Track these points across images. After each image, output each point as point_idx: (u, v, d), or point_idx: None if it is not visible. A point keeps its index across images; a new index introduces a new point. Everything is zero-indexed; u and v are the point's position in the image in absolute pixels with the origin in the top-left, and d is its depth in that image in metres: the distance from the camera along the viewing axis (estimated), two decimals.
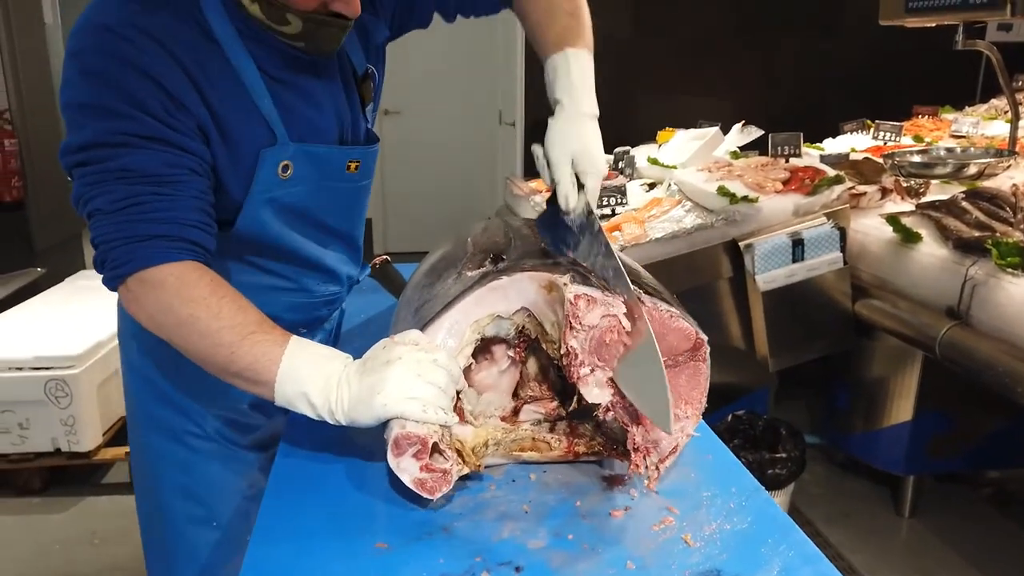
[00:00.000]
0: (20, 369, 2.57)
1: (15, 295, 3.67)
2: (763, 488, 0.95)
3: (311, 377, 0.93)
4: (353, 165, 1.20)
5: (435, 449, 0.91)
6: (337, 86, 1.17)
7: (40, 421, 2.59)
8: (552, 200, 1.08)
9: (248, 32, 1.04)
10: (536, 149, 1.10)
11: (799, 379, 2.90)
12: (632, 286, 0.96)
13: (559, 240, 1.06)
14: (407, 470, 0.89)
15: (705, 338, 1.00)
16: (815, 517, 2.54)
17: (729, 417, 2.49)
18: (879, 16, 2.25)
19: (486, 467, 0.99)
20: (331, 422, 0.94)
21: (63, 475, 2.82)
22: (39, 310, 3.06)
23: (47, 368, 2.57)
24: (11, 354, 2.60)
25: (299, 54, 1.08)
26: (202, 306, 0.96)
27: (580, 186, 1.06)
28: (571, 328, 0.92)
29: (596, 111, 1.11)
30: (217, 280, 0.99)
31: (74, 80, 0.98)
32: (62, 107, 1.00)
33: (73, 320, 2.85)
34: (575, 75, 1.12)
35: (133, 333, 1.26)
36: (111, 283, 1.00)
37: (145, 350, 1.26)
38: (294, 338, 0.97)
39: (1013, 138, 2.51)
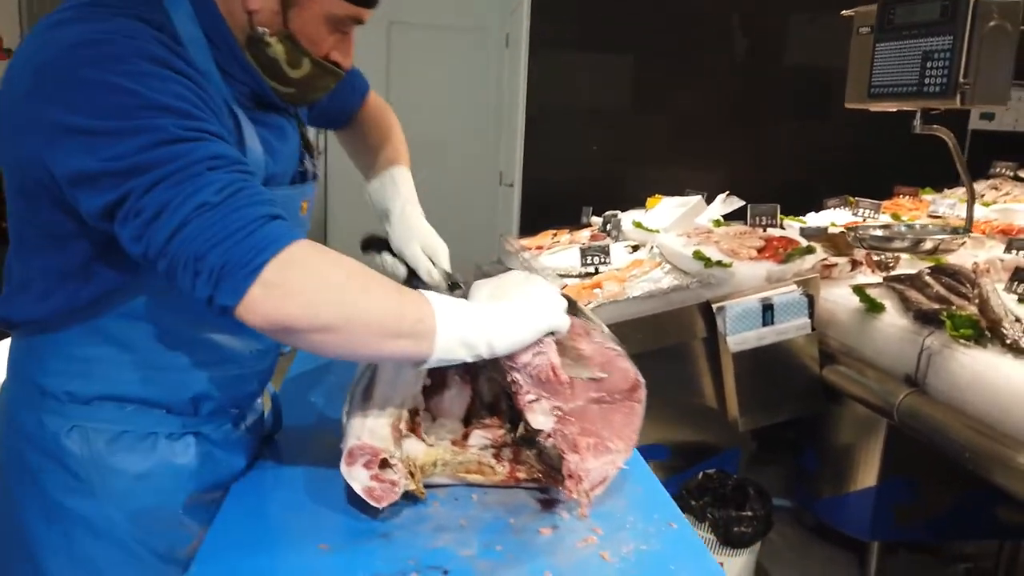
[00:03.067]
0: None
1: None
2: (683, 516, 1.03)
3: (462, 317, 0.91)
4: (304, 206, 1.18)
5: (384, 463, 1.00)
6: (294, 127, 1.17)
7: None
8: (409, 282, 1.27)
9: (228, 71, 1.01)
10: (383, 256, 1.32)
11: (777, 444, 2.96)
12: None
13: None
14: (358, 478, 0.98)
15: (642, 381, 1.09)
16: None
17: (699, 475, 2.55)
18: (845, 99, 2.40)
19: (434, 486, 1.08)
20: (486, 355, 0.93)
21: None
22: None
23: None
24: None
25: (275, 100, 1.07)
26: (348, 268, 0.88)
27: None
28: (509, 366, 1.01)
29: (422, 212, 1.41)
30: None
31: (107, 84, 0.84)
32: (94, 118, 0.83)
33: None
34: (405, 187, 1.41)
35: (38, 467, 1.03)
36: (244, 282, 0.81)
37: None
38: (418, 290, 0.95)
39: (969, 217, 2.63)
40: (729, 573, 2.41)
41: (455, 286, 1.13)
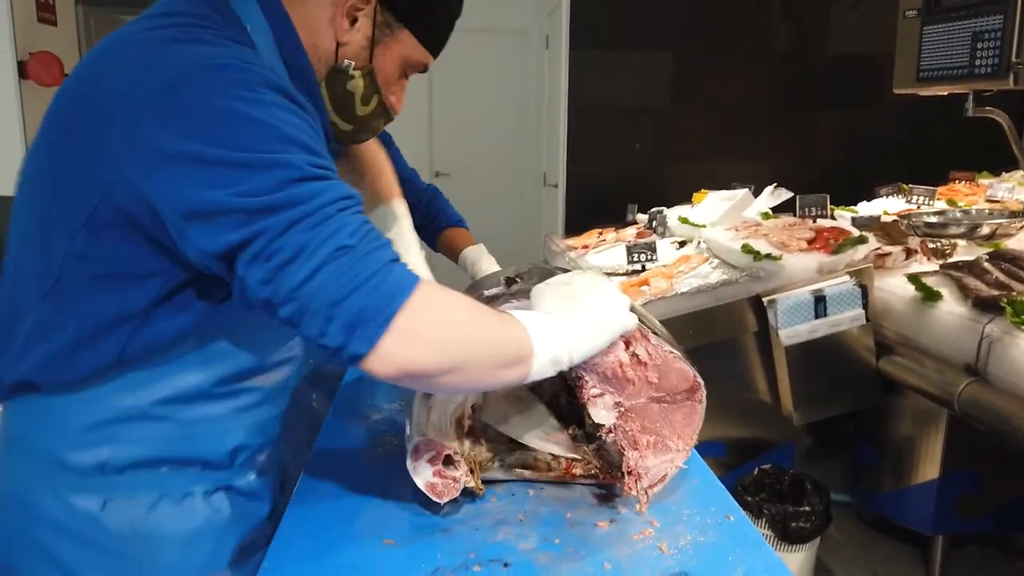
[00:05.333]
0: None
1: None
2: (741, 509, 1.04)
3: (552, 336, 0.91)
4: None
5: (448, 460, 1.02)
6: None
7: None
8: None
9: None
10: None
11: (833, 438, 2.92)
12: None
13: None
14: (421, 474, 1.01)
15: (701, 382, 1.09)
16: None
17: (755, 471, 2.53)
18: (893, 84, 2.35)
19: (491, 482, 1.10)
20: (566, 368, 0.94)
21: None
22: None
23: None
24: None
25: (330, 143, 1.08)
26: (466, 306, 0.89)
27: None
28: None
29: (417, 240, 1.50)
30: None
31: (237, 114, 0.79)
32: (224, 148, 0.78)
33: None
34: (404, 219, 1.49)
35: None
36: (378, 330, 0.79)
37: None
38: (510, 312, 0.95)
39: None
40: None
41: (512, 281, 1.14)
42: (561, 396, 1.17)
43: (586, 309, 0.95)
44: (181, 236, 0.82)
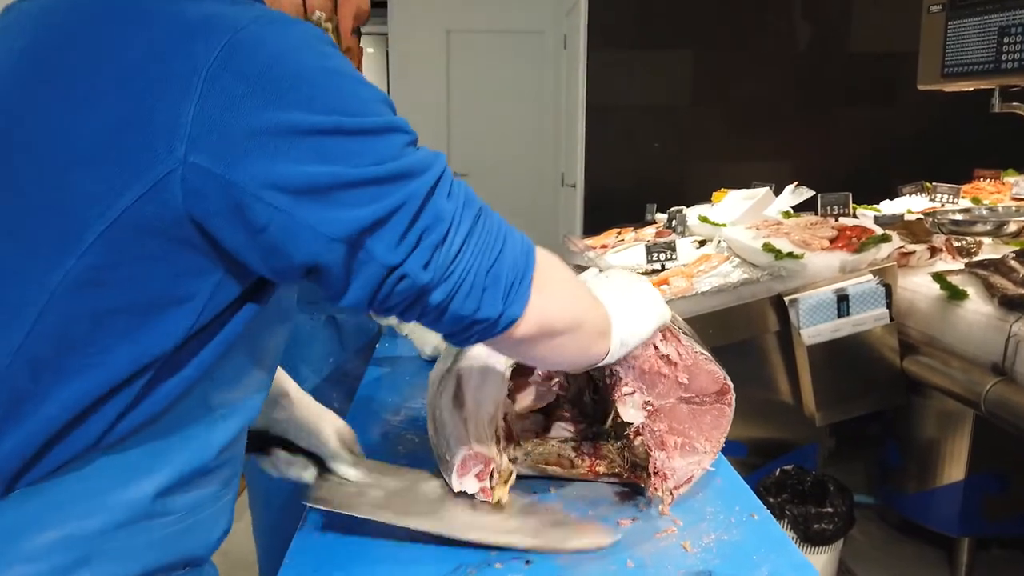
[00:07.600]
0: None
1: None
2: (764, 508, 1.02)
3: (622, 315, 0.91)
4: None
5: (491, 473, 1.02)
6: None
7: None
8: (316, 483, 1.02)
9: None
10: (278, 455, 1.02)
11: (856, 439, 2.89)
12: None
13: None
14: (468, 487, 1.00)
15: (731, 385, 1.08)
16: None
17: (777, 471, 2.50)
18: (917, 80, 2.32)
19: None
20: (621, 356, 0.94)
21: None
22: None
23: None
24: None
25: None
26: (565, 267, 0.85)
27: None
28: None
29: None
30: None
31: (335, 72, 0.66)
32: (338, 114, 0.64)
33: None
34: None
35: None
36: (529, 288, 0.74)
37: None
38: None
39: None
40: None
41: None
42: (585, 394, 1.16)
43: (632, 296, 0.95)
44: (289, 226, 0.63)
